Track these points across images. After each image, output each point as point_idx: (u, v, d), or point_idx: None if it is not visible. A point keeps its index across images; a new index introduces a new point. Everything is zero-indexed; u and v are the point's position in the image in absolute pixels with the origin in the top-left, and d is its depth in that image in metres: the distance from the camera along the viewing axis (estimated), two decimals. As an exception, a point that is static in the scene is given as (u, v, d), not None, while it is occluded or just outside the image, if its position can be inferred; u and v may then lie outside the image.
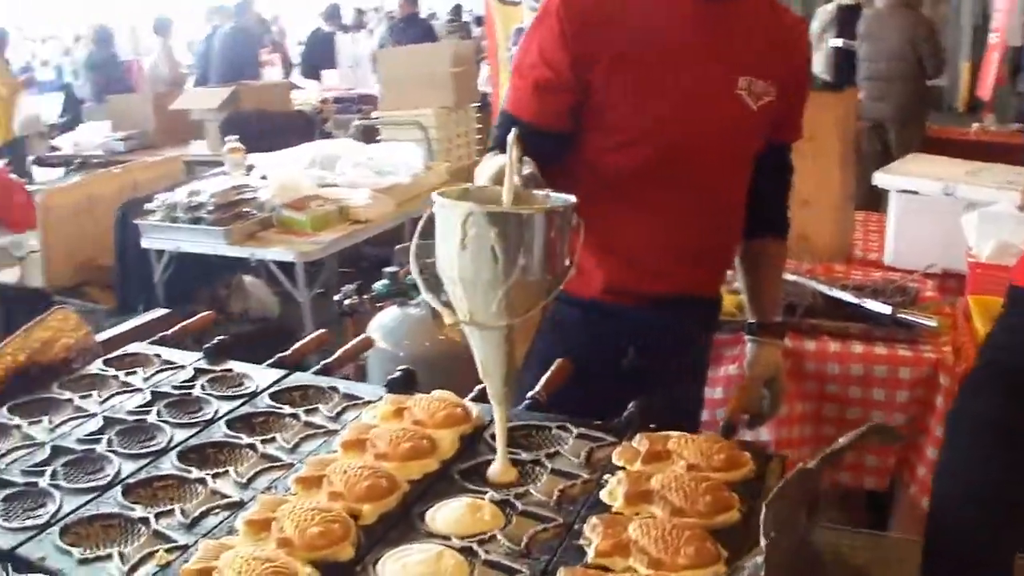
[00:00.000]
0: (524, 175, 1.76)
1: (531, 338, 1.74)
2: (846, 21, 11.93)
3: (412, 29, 11.65)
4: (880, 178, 4.18)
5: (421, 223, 1.75)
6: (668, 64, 2.18)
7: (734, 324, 3.20)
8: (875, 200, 4.90)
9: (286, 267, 5.32)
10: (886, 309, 3.18)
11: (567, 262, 1.67)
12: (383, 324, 3.92)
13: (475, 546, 1.48)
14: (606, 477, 1.66)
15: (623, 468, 1.68)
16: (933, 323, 3.12)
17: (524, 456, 1.77)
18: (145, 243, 5.26)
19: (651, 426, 1.86)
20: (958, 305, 3.60)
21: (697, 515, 1.50)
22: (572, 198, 1.69)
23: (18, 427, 2.05)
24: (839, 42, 11.35)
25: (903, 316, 3.16)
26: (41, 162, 9.95)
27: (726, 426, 1.86)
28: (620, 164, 2.23)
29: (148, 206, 5.26)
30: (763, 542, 1.15)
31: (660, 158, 2.20)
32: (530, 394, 2.01)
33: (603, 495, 1.61)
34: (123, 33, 13.08)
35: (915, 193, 4.02)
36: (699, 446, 1.69)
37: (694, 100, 2.19)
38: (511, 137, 1.72)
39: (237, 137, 6.04)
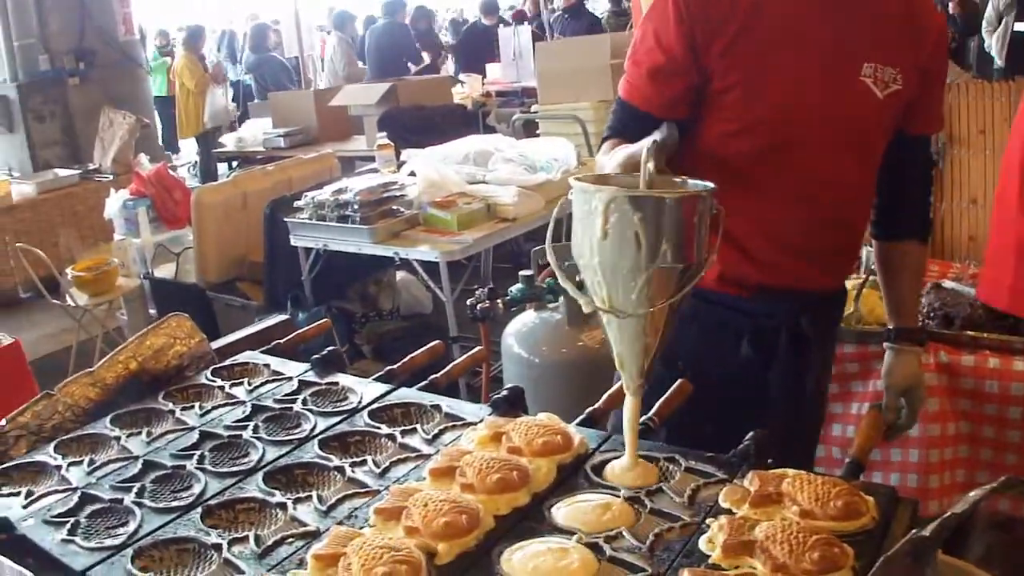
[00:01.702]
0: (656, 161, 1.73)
1: (661, 329, 1.66)
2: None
3: (577, 21, 11.52)
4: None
5: (555, 211, 1.75)
6: (788, 48, 2.09)
7: (884, 335, 3.02)
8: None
9: (433, 266, 5.27)
10: (1055, 322, 2.93)
11: (707, 251, 1.64)
12: (518, 329, 3.81)
13: (553, 598, 1.35)
14: (709, 521, 1.51)
15: (729, 511, 1.53)
16: (1107, 340, 2.86)
17: (624, 494, 1.62)
18: (293, 240, 5.27)
19: (768, 460, 1.70)
20: None
21: (802, 573, 1.34)
22: (711, 185, 1.68)
23: (117, 439, 2.03)
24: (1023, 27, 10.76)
25: (1073, 331, 2.92)
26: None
27: (851, 465, 1.68)
28: (736, 150, 2.15)
29: (296, 203, 5.26)
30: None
31: (776, 145, 2.12)
32: (643, 418, 1.86)
33: (702, 542, 1.47)
34: (290, 29, 13.25)
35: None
36: (816, 489, 1.52)
37: (814, 85, 2.10)
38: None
39: (386, 133, 6.01)
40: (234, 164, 10.13)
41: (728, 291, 2.24)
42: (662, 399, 1.95)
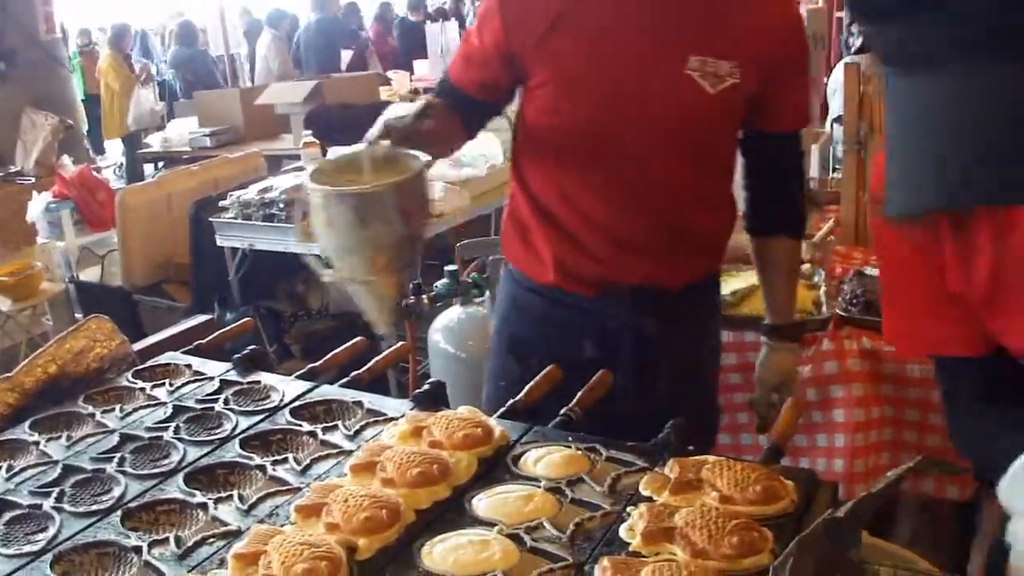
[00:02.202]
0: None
1: (394, 285, 1.95)
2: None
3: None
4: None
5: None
6: (604, 42, 2.07)
7: (808, 323, 3.05)
8: None
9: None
10: (971, 306, 2.96)
11: (420, 222, 1.90)
12: (445, 325, 3.81)
13: (473, 588, 1.35)
14: (629, 509, 1.51)
15: (649, 498, 1.54)
16: None
17: (545, 484, 1.62)
18: (219, 241, 5.24)
19: (689, 448, 1.71)
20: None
21: (721, 558, 1.35)
22: (422, 161, 1.90)
23: (36, 444, 2.01)
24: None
25: (992, 314, 2.95)
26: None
27: (770, 450, 1.69)
28: (559, 144, 2.17)
29: (222, 203, 5.22)
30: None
31: (596, 142, 2.12)
32: (564, 410, 1.87)
33: (622, 530, 1.47)
34: (215, 28, 13.12)
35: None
36: (735, 474, 1.53)
37: (631, 81, 2.07)
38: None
39: (312, 131, 5.98)
40: (160, 165, 10.01)
41: (571, 288, 2.24)
42: (584, 388, 1.95)
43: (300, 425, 1.93)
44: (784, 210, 2.39)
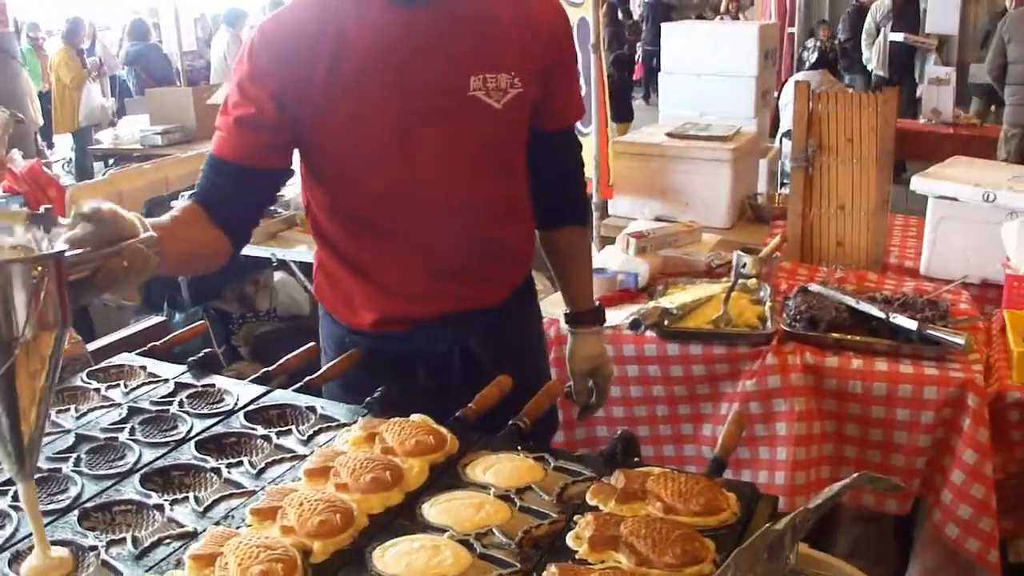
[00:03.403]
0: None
1: (41, 408, 1.46)
2: (904, 14, 11.71)
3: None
4: (917, 183, 4.01)
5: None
6: (383, 81, 2.04)
7: (753, 337, 3.11)
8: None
9: (310, 267, 5.26)
10: (913, 324, 3.04)
11: (47, 325, 1.40)
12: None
13: (423, 593, 1.39)
14: (576, 518, 1.56)
15: (596, 508, 1.58)
16: (960, 341, 2.97)
17: (494, 492, 1.66)
18: (170, 241, 5.21)
19: (635, 460, 1.76)
20: (994, 319, 3.46)
21: (664, 567, 1.40)
22: (49, 253, 1.41)
23: (-11, 442, 1.99)
24: (899, 36, 11.09)
25: (931, 332, 3.03)
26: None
27: (713, 463, 1.74)
28: (355, 196, 2.16)
29: (174, 203, 5.20)
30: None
31: (395, 182, 2.11)
32: (513, 419, 1.91)
33: (569, 538, 1.51)
34: (169, 25, 13.02)
35: (954, 199, 3.85)
36: (679, 486, 1.58)
37: (420, 115, 2.06)
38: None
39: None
40: (110, 162, 9.94)
41: (392, 329, 2.26)
42: (531, 401, 1.99)
43: (255, 429, 1.96)
44: (570, 200, 2.47)
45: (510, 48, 2.12)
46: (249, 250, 4.86)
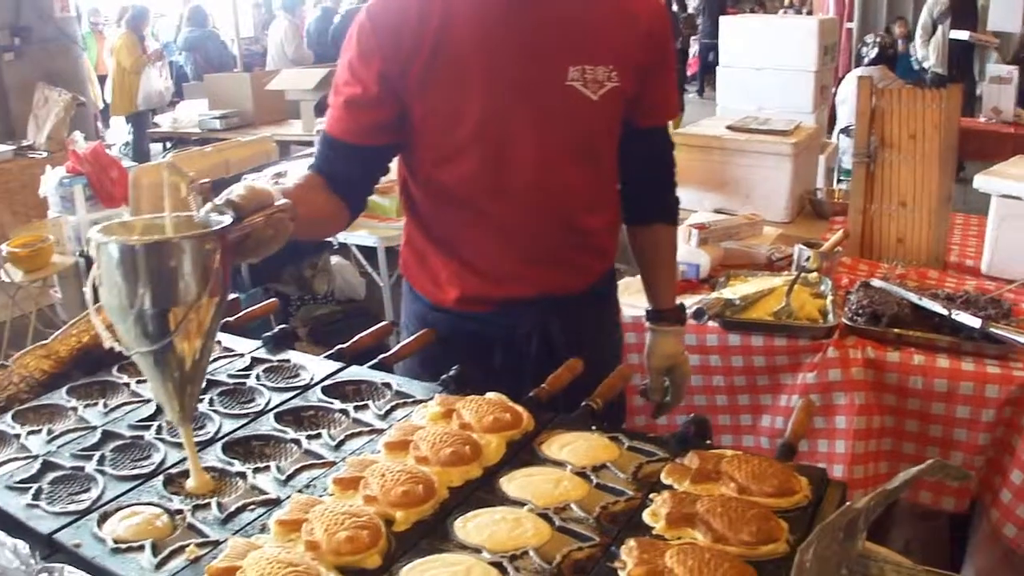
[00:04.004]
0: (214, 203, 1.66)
1: (182, 366, 1.60)
2: (962, 11, 11.57)
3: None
4: (981, 181, 3.99)
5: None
6: (482, 68, 2.10)
7: (814, 330, 3.12)
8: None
9: (371, 251, 5.31)
10: (976, 322, 3.03)
11: (209, 293, 1.55)
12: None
13: (505, 562, 1.42)
14: (652, 495, 1.59)
15: (671, 487, 1.62)
16: (1024, 340, 2.97)
17: (571, 469, 1.70)
18: (231, 223, 5.28)
19: (707, 442, 1.79)
20: (1056, 321, 3.44)
21: (740, 544, 1.43)
22: (219, 224, 1.58)
23: (74, 409, 2.06)
24: (964, 34, 10.94)
25: (994, 330, 3.02)
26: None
27: (784, 448, 1.77)
28: (450, 175, 2.20)
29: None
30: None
31: (489, 164, 2.16)
32: (586, 400, 1.95)
33: (646, 515, 1.54)
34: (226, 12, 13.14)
35: (1017, 198, 3.82)
36: (753, 468, 1.60)
37: (516, 101, 2.12)
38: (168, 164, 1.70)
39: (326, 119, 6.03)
40: (168, 145, 10.07)
41: (474, 308, 2.31)
42: (603, 383, 2.03)
43: (332, 403, 2.00)
44: (660, 199, 2.50)
45: (610, 42, 2.17)
46: (310, 233, 4.96)
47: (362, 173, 2.23)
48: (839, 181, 6.33)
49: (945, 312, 3.12)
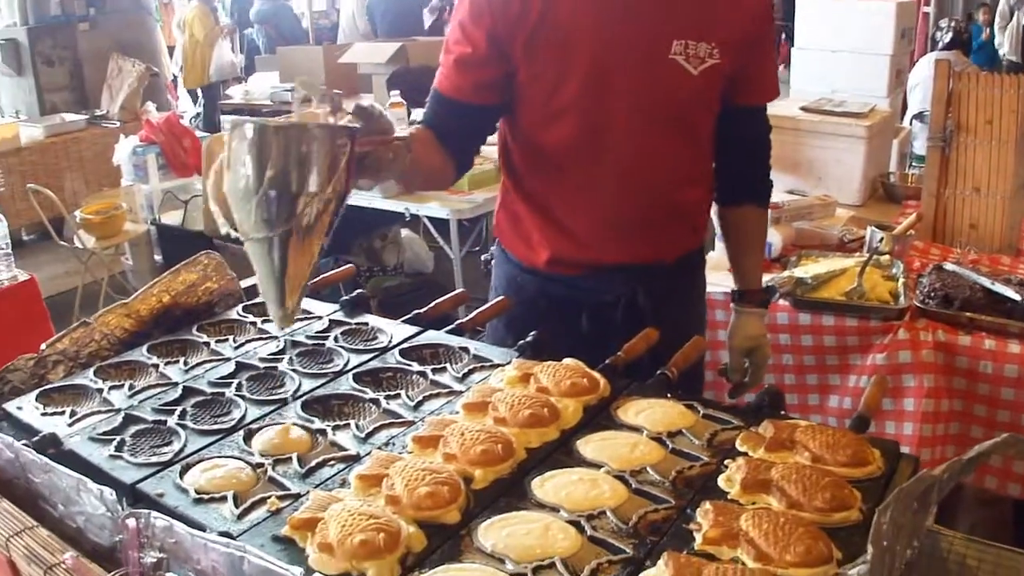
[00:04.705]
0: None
1: (292, 257, 1.64)
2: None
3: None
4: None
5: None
6: (588, 35, 2.14)
7: (886, 311, 3.11)
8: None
9: (442, 223, 5.34)
10: (1050, 309, 3.01)
11: (331, 186, 1.61)
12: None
13: (583, 521, 1.45)
14: (727, 462, 1.61)
15: (745, 454, 1.63)
16: (1097, 328, 2.94)
17: (647, 434, 1.72)
18: (303, 193, 5.32)
19: (781, 412, 1.80)
20: None
21: (814, 511, 1.44)
22: (350, 127, 1.66)
23: (155, 366, 2.12)
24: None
25: (1066, 318, 3.00)
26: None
27: (857, 419, 1.78)
28: (550, 138, 2.24)
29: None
30: (870, 550, 1.09)
31: (587, 130, 2.20)
32: (662, 369, 1.97)
33: (721, 480, 1.56)
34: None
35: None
36: (827, 438, 1.61)
37: (619, 69, 2.15)
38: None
39: (399, 92, 6.07)
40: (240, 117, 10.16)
41: (564, 271, 2.34)
42: (679, 352, 2.05)
43: (410, 365, 2.04)
44: (754, 180, 2.51)
45: (714, 19, 2.19)
46: (381, 204, 5.00)
47: (469, 131, 2.29)
48: (911, 167, 6.26)
49: (1018, 298, 3.09)
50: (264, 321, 2.31)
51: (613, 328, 2.31)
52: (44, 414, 1.92)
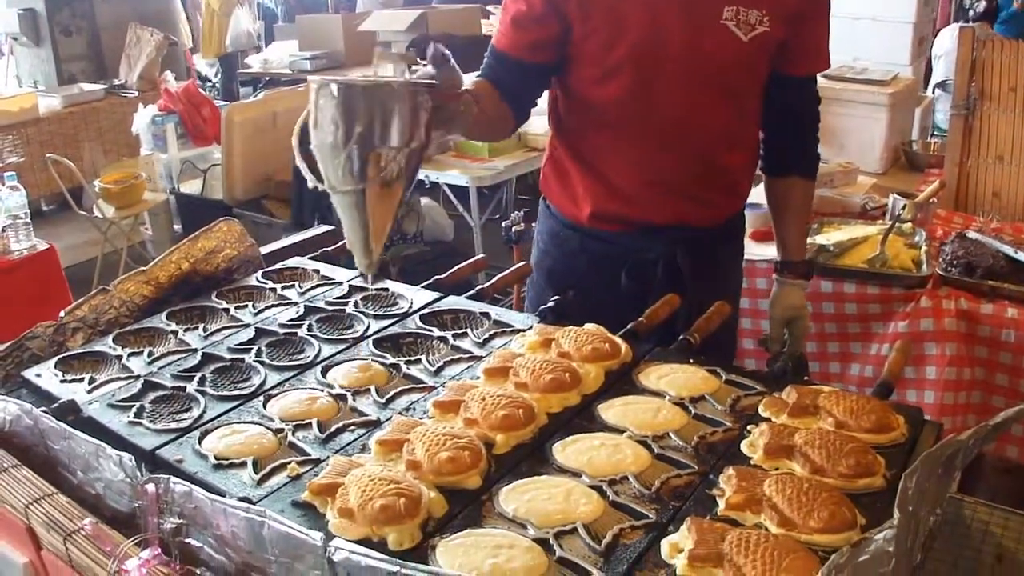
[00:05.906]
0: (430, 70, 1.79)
1: (378, 210, 1.69)
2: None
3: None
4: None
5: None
6: None
7: (908, 279, 3.09)
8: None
9: (461, 191, 5.33)
10: (1073, 277, 2.99)
11: (412, 139, 1.65)
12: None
13: (605, 486, 1.44)
14: (750, 427, 1.60)
15: (768, 419, 1.62)
16: (1122, 296, 2.91)
17: (669, 399, 1.71)
18: (321, 161, 5.32)
19: (804, 378, 1.79)
20: None
21: (838, 476, 1.43)
22: (429, 82, 1.71)
23: (175, 333, 2.11)
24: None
25: (1090, 286, 2.97)
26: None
27: (881, 386, 1.77)
28: (600, 94, 2.26)
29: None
30: (896, 515, 1.08)
31: (637, 89, 2.21)
32: (684, 334, 1.97)
33: (744, 446, 1.55)
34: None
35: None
36: (850, 404, 1.60)
37: (672, 30, 2.16)
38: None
39: (418, 60, 6.03)
40: (259, 85, 10.14)
41: (606, 227, 2.36)
42: (701, 317, 2.04)
43: (431, 330, 2.03)
44: (800, 151, 2.50)
45: None
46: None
47: (524, 87, 2.30)
48: (933, 136, 6.21)
49: (1042, 266, 3.07)
50: (283, 287, 2.31)
51: (652, 288, 2.31)
52: (63, 381, 1.92)
